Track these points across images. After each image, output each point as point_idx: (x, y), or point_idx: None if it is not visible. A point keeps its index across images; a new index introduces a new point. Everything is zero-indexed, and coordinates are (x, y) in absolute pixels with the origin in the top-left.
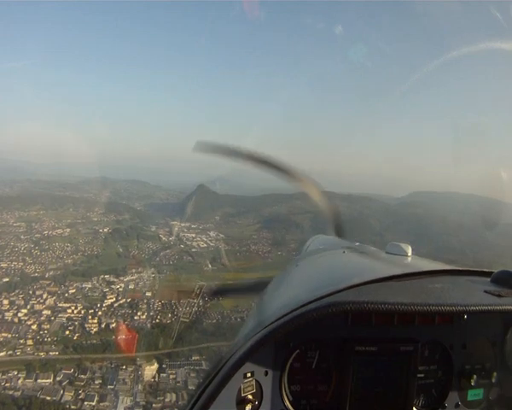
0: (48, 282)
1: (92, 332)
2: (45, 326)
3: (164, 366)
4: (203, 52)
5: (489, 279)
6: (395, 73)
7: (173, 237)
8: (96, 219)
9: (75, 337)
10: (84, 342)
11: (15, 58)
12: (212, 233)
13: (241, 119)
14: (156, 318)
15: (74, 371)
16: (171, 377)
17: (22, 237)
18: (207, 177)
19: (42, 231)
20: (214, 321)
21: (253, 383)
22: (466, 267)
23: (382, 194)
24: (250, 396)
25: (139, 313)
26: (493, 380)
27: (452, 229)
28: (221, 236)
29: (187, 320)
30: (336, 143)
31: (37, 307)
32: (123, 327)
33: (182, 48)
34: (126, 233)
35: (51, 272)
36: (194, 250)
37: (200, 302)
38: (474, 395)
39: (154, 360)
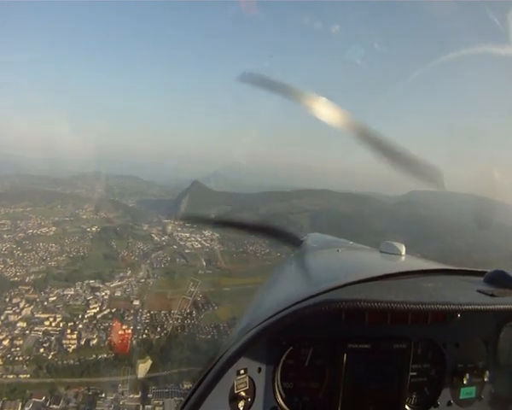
0: (27, 287)
1: (70, 350)
2: (18, 342)
3: (150, 395)
4: (201, 50)
5: (482, 279)
6: (392, 73)
7: (166, 237)
8: (84, 217)
9: (50, 356)
10: (60, 363)
11: (11, 51)
12: (206, 232)
13: (239, 117)
14: (143, 333)
15: (46, 400)
16: (158, 409)
17: (5, 236)
18: (203, 173)
19: (26, 229)
20: (209, 337)
21: (247, 379)
22: (459, 267)
23: (380, 192)
24: (243, 393)
25: (124, 327)
26: (486, 379)
27: (456, 230)
28: (216, 235)
29: (177, 336)
30: (334, 142)
31: (12, 317)
32: (117, 324)
33: (180, 46)
34: (116, 232)
35: (32, 276)
36: (187, 251)
37: (194, 313)
38: (467, 393)
39: (138, 387)
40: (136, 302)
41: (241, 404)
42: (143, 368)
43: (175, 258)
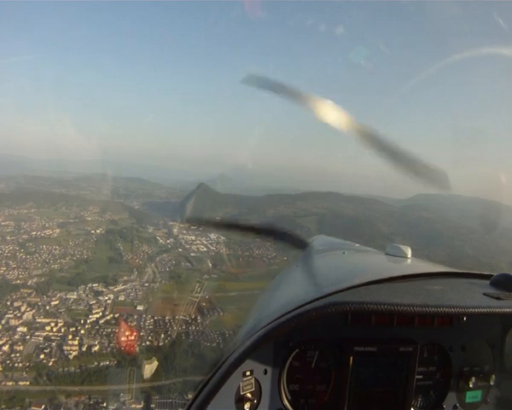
0: (29, 291)
1: (71, 357)
2: (18, 348)
3: (152, 405)
4: (204, 51)
5: (488, 282)
6: (396, 75)
7: (171, 240)
8: (89, 219)
9: (50, 363)
10: (61, 370)
11: (15, 53)
12: (212, 235)
13: (242, 118)
14: (147, 339)
15: (46, 408)
16: None
17: (8, 237)
18: (209, 175)
19: (30, 231)
20: (214, 345)
21: (253, 381)
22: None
23: (385, 195)
24: (249, 395)
25: (127, 333)
26: (491, 382)
27: (463, 234)
28: (222, 238)
29: (181, 343)
30: (336, 144)
31: (13, 322)
32: (123, 324)
33: (183, 46)
34: (120, 235)
35: (35, 279)
36: (193, 255)
37: (199, 319)
38: (473, 397)
39: (140, 396)
40: (140, 307)
41: (247, 405)
42: (149, 369)
43: (180, 261)
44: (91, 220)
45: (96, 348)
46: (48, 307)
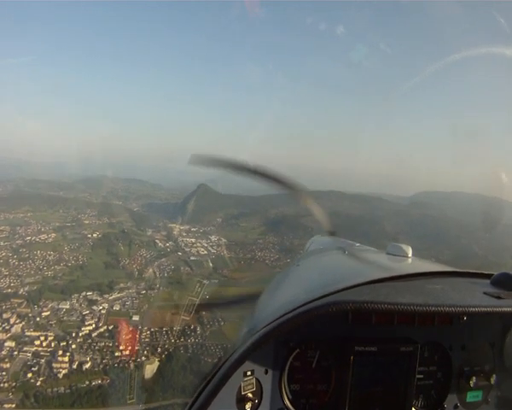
0: (20, 301)
1: (60, 376)
2: (5, 365)
3: None
4: (203, 51)
5: (489, 281)
6: (398, 73)
7: (170, 243)
8: (87, 222)
9: (39, 383)
10: (49, 391)
11: (14, 54)
12: (213, 237)
13: (242, 118)
14: (142, 354)
15: None
16: None
17: (2, 243)
18: (209, 175)
19: (25, 236)
20: (215, 360)
21: (253, 381)
22: (466, 269)
23: (388, 193)
24: (250, 395)
25: (122, 347)
26: (492, 382)
27: (469, 232)
28: (223, 240)
29: (179, 357)
30: (337, 143)
31: (1, 336)
32: (122, 324)
33: (182, 46)
34: (118, 239)
35: (26, 288)
36: (193, 259)
37: (198, 329)
38: (473, 396)
39: None
40: (136, 318)
41: (248, 405)
42: (150, 369)
43: (179, 266)
44: (88, 224)
45: (88, 366)
46: (38, 319)
